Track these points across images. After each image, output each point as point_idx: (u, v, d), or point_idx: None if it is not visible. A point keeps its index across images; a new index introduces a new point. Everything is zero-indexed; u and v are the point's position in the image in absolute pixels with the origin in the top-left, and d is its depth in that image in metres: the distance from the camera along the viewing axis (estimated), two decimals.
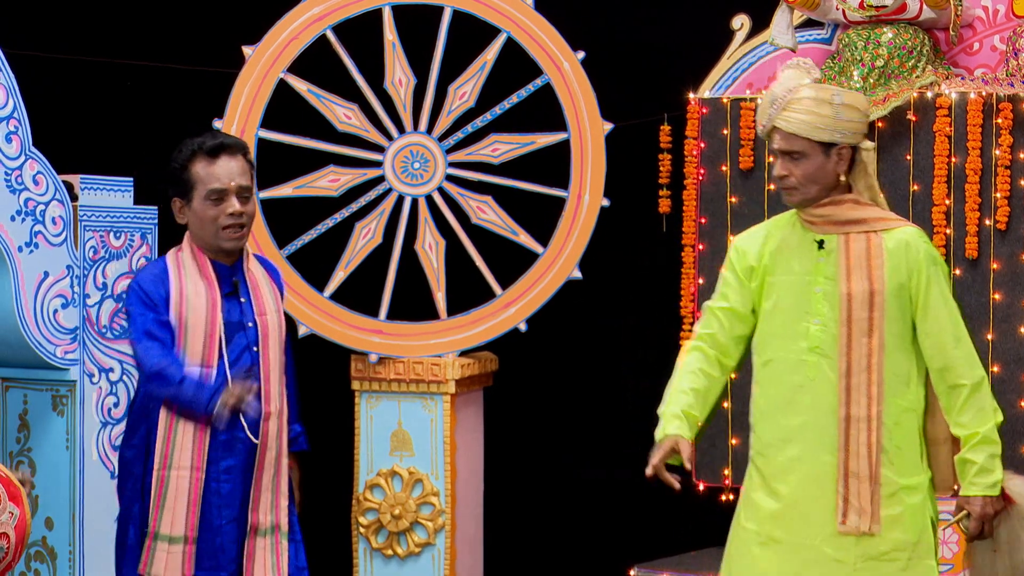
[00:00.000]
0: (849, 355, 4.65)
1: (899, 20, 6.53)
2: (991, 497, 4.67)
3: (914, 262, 4.69)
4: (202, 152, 5.09)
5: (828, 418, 4.67)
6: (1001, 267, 6.32)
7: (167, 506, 5.06)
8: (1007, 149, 6.29)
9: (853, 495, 4.64)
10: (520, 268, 6.88)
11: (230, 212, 5.07)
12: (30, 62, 6.79)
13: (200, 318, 5.09)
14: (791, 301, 4.74)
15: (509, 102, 6.87)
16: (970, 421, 4.67)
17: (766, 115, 4.71)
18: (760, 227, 4.93)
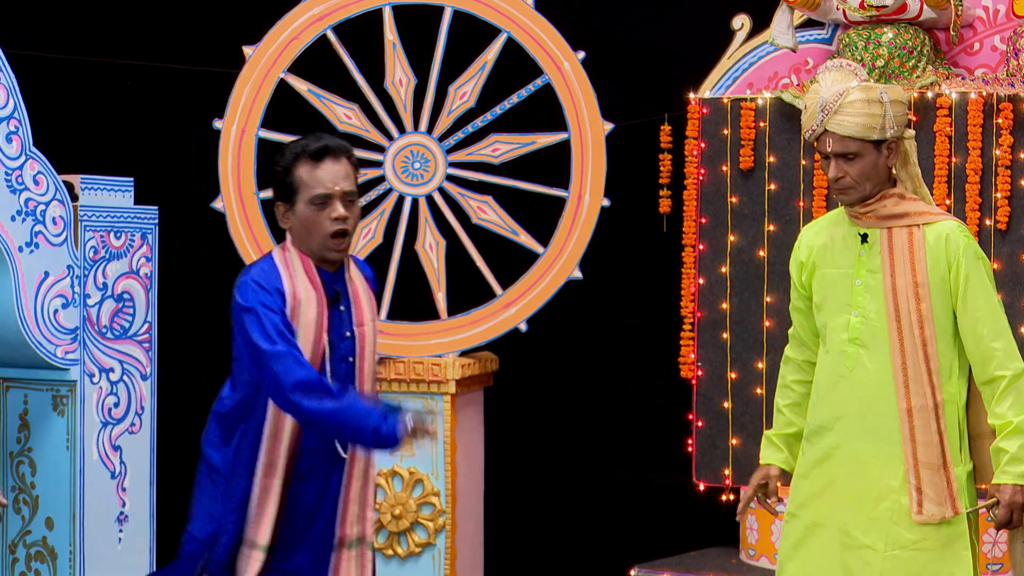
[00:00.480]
0: (903, 348, 4.75)
1: (899, 20, 6.54)
2: (1021, 486, 4.71)
3: (953, 255, 4.78)
4: (306, 155, 4.89)
5: (877, 409, 4.77)
6: (1001, 267, 6.32)
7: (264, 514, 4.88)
8: (1007, 149, 6.29)
9: (926, 484, 4.71)
10: (520, 268, 6.88)
11: (335, 217, 4.84)
12: (30, 62, 6.79)
13: (311, 325, 4.87)
14: (834, 293, 4.86)
15: (509, 102, 6.88)
16: (1005, 411, 4.73)
17: (816, 120, 4.77)
18: (819, 220, 5.06)
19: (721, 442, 6.67)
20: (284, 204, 4.91)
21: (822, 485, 4.84)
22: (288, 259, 4.88)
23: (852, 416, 4.80)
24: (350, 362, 4.93)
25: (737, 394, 6.66)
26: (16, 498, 6.15)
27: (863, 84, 4.76)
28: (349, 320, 4.94)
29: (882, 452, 4.76)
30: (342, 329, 4.91)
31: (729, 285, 6.68)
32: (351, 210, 4.86)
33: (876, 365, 4.78)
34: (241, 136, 6.79)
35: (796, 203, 6.58)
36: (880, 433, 4.77)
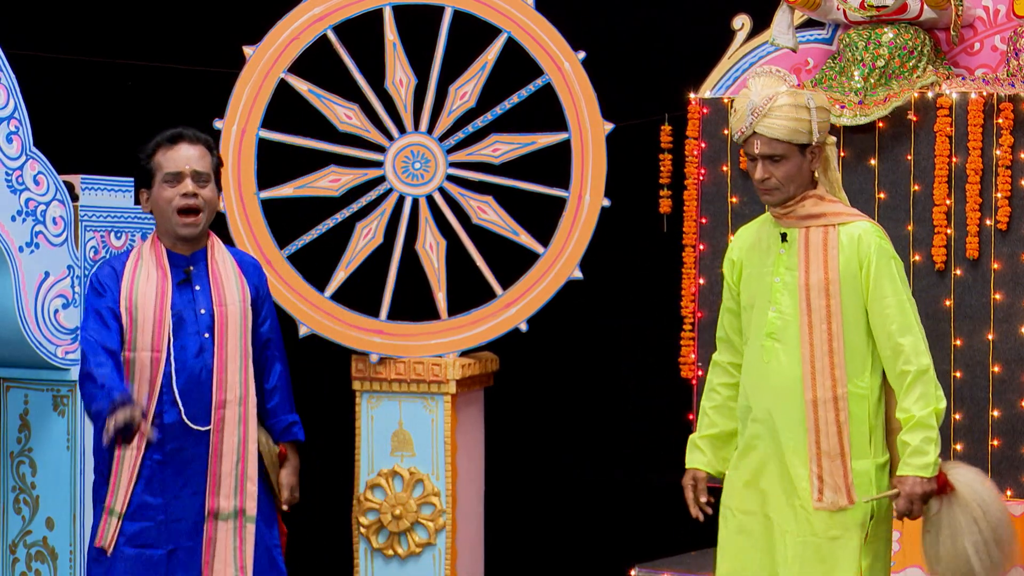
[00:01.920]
0: (811, 341, 4.95)
1: (900, 20, 6.53)
2: (922, 478, 4.89)
3: (864, 254, 4.97)
4: (163, 141, 5.31)
5: (789, 400, 4.99)
6: (1002, 267, 6.32)
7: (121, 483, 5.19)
8: (1008, 149, 6.29)
9: (827, 473, 4.92)
10: (521, 268, 6.88)
11: (183, 193, 5.23)
12: (30, 62, 6.79)
13: (148, 304, 5.23)
14: (757, 291, 5.09)
15: (510, 102, 6.87)
16: (911, 405, 4.92)
17: (745, 122, 4.97)
18: (751, 223, 5.28)
19: None
20: (145, 190, 5.32)
21: (749, 475, 5.07)
22: (140, 249, 5.29)
23: (769, 407, 5.02)
24: (206, 337, 5.26)
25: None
26: (16, 498, 6.15)
27: (791, 89, 4.99)
28: (205, 298, 5.29)
29: (794, 442, 4.98)
30: (194, 306, 5.27)
31: None
32: (202, 191, 5.26)
33: (789, 358, 5.00)
34: (241, 136, 6.79)
35: None
36: (791, 423, 4.98)
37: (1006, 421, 6.33)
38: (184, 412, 5.22)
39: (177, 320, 5.24)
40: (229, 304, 5.32)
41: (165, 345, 5.21)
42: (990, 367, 6.34)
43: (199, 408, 5.24)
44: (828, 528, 4.94)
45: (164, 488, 5.23)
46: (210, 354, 5.26)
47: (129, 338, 5.22)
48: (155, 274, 5.25)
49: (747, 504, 5.06)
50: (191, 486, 5.26)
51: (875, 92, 6.47)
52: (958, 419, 6.37)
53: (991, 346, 6.34)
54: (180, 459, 5.25)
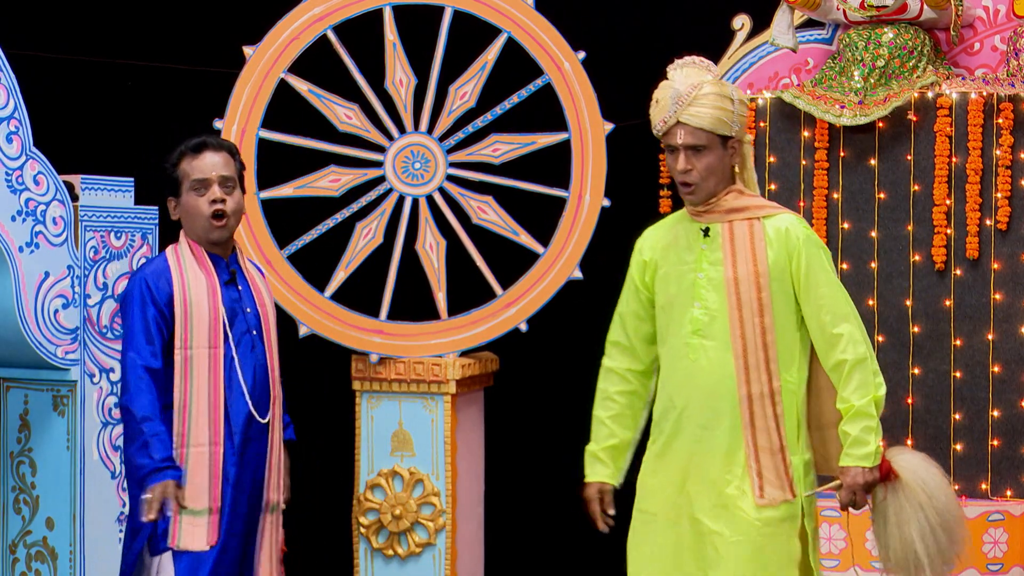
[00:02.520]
0: (743, 335, 4.86)
1: (900, 20, 6.54)
2: (864, 468, 4.84)
3: (793, 246, 4.89)
4: (188, 150, 5.46)
5: (720, 398, 4.88)
6: (1002, 267, 6.32)
7: (189, 482, 5.30)
8: (1008, 149, 6.30)
9: (766, 469, 4.84)
10: (521, 268, 6.88)
11: (212, 200, 5.39)
12: (30, 62, 6.79)
13: (203, 303, 5.37)
14: (678, 290, 4.96)
15: (510, 102, 6.87)
16: (850, 395, 4.85)
17: (668, 111, 4.91)
18: (661, 223, 5.17)
19: None
20: (173, 198, 5.48)
21: (668, 477, 4.94)
22: (178, 252, 5.43)
23: (695, 405, 4.90)
24: (253, 335, 5.44)
25: None
26: (16, 498, 6.15)
27: (716, 79, 4.92)
28: (248, 298, 5.48)
29: (724, 439, 4.88)
30: (241, 304, 5.44)
31: None
32: (230, 196, 5.42)
33: (718, 354, 4.89)
34: (241, 136, 6.79)
35: (796, 203, 6.58)
36: (721, 420, 4.88)
37: (1006, 421, 6.33)
38: (253, 405, 5.38)
39: (230, 317, 5.40)
40: (269, 305, 5.54)
41: (222, 340, 5.37)
42: (990, 367, 6.34)
43: (263, 402, 5.41)
44: (764, 525, 4.84)
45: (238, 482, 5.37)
46: (261, 351, 5.44)
47: (185, 336, 5.34)
48: (202, 274, 5.40)
49: (671, 508, 4.94)
50: (256, 479, 5.42)
51: (875, 92, 6.47)
52: (958, 419, 6.37)
53: (991, 346, 6.35)
54: (249, 453, 5.39)
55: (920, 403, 6.43)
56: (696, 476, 4.90)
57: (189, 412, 5.33)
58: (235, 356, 5.37)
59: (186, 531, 5.30)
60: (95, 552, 6.03)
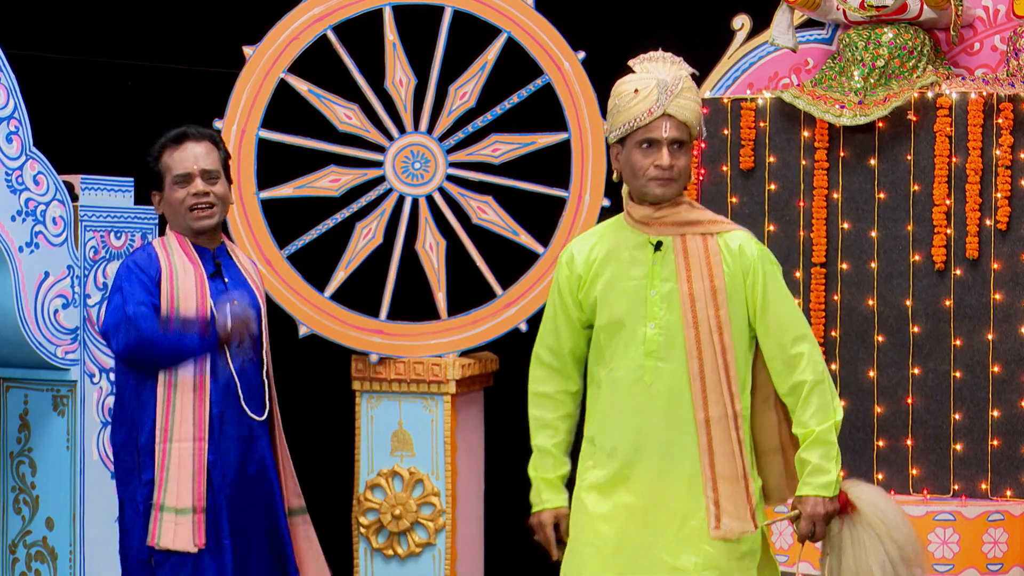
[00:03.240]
0: (700, 355, 4.54)
1: (900, 20, 6.54)
2: (824, 498, 4.55)
3: (748, 264, 4.59)
4: (168, 142, 5.35)
5: (679, 423, 4.55)
6: (1002, 267, 6.32)
7: (171, 478, 5.14)
8: (1007, 149, 6.29)
9: (724, 498, 4.52)
10: (521, 268, 6.89)
11: (194, 192, 5.27)
12: (30, 62, 6.79)
13: (190, 293, 5.23)
14: (625, 307, 4.61)
15: (509, 102, 6.87)
16: (809, 419, 4.54)
17: (655, 101, 4.59)
18: (589, 233, 4.84)
19: None
20: (157, 192, 5.37)
21: (619, 509, 4.58)
22: (166, 243, 5.30)
23: (652, 432, 4.55)
24: None
25: None
26: (16, 498, 6.15)
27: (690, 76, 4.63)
28: (236, 289, 5.32)
29: (684, 467, 4.54)
30: (227, 297, 5.29)
31: None
32: (213, 187, 5.31)
33: (675, 377, 4.55)
34: (241, 136, 6.79)
35: (796, 203, 6.58)
36: (681, 447, 4.54)
37: (1006, 421, 6.33)
38: (245, 401, 5.24)
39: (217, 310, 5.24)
40: (260, 299, 5.39)
41: (210, 333, 5.19)
42: (990, 367, 6.34)
43: (254, 398, 5.27)
44: (727, 558, 4.52)
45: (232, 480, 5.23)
46: (249, 345, 5.29)
47: (171, 327, 5.18)
48: (189, 265, 5.26)
49: (616, 542, 4.56)
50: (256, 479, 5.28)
51: (875, 92, 6.47)
52: (958, 419, 6.37)
53: (991, 346, 6.35)
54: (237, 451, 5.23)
55: (920, 403, 6.43)
56: (652, 508, 4.55)
57: (173, 406, 5.15)
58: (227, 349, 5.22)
59: (168, 530, 5.12)
60: (95, 552, 6.03)
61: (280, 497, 5.36)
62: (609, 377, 4.62)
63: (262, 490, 5.31)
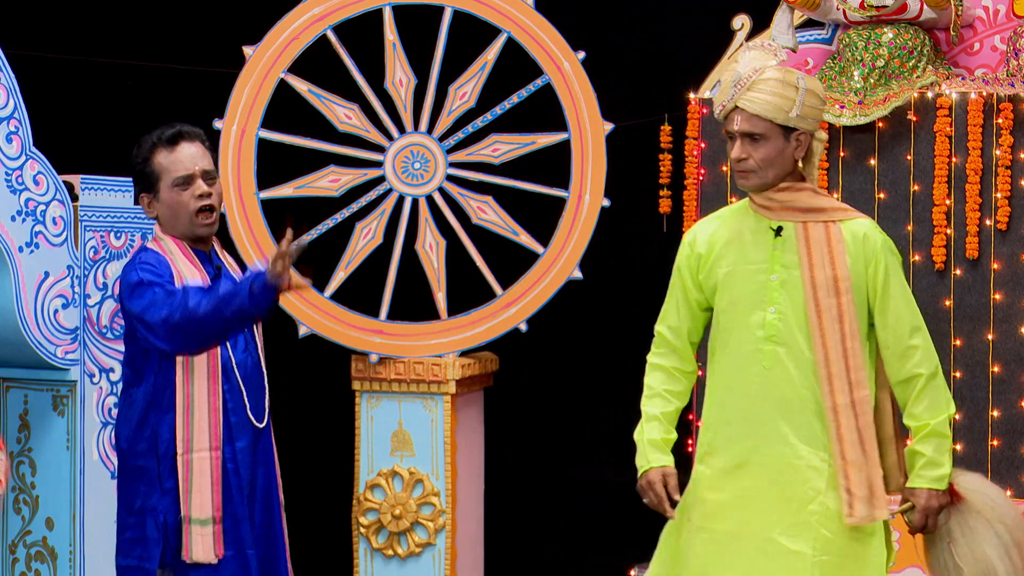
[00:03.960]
0: (824, 343, 4.57)
1: (900, 20, 6.54)
2: (936, 490, 4.60)
3: (871, 253, 4.64)
4: (162, 142, 5.18)
5: (800, 410, 4.58)
6: (1002, 267, 6.32)
7: (194, 489, 5.09)
8: (1007, 149, 6.29)
9: (855, 485, 4.55)
10: (521, 268, 6.88)
11: (199, 194, 5.13)
12: (30, 62, 6.79)
13: None
14: (746, 291, 4.65)
15: (509, 102, 6.87)
16: (923, 412, 4.60)
17: (728, 95, 4.61)
18: (713, 216, 4.85)
19: None
20: (147, 195, 5.19)
21: (736, 495, 4.62)
22: (164, 247, 5.13)
23: (771, 418, 4.60)
24: (245, 331, 5.17)
25: None
26: (16, 498, 6.15)
27: (781, 66, 4.63)
28: None
29: (805, 453, 4.57)
30: None
31: None
32: (213, 187, 5.15)
33: (796, 363, 4.59)
34: (241, 136, 6.79)
35: None
36: (802, 433, 4.58)
37: (1006, 421, 6.33)
38: (249, 407, 5.17)
39: None
40: None
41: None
42: (990, 367, 6.34)
43: (257, 402, 5.21)
44: (851, 544, 4.56)
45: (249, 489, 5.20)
46: (253, 347, 5.23)
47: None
48: (195, 270, 5.15)
49: (734, 526, 4.60)
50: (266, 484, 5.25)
51: (875, 92, 6.47)
52: (958, 419, 6.36)
53: (991, 346, 6.34)
54: (251, 457, 5.21)
55: None
56: (770, 493, 4.57)
57: (191, 415, 5.12)
58: (231, 356, 5.16)
59: (196, 542, 5.08)
60: (95, 552, 6.03)
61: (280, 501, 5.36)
62: (728, 360, 4.66)
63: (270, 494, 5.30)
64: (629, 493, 7.58)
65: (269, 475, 5.28)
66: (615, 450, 8.05)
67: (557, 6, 6.92)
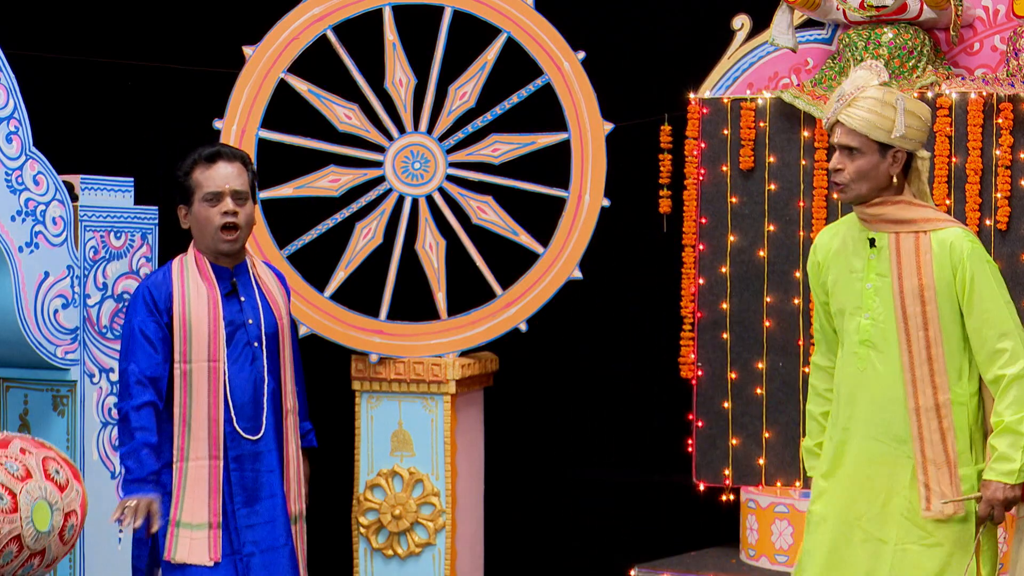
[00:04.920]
0: (910, 348, 4.90)
1: (899, 20, 6.54)
2: (1005, 484, 4.83)
3: (958, 259, 4.91)
4: (201, 159, 5.45)
5: (889, 409, 4.91)
6: (1001, 267, 6.31)
7: (187, 495, 5.31)
8: (1007, 149, 6.29)
9: (933, 481, 4.85)
10: (520, 268, 6.88)
11: (224, 212, 5.38)
12: (30, 62, 6.79)
13: (202, 316, 5.38)
14: (848, 297, 5.01)
15: (509, 102, 6.87)
16: (1004, 409, 4.85)
17: (831, 109, 4.92)
18: (836, 224, 5.19)
19: (721, 442, 6.67)
20: (184, 207, 5.48)
21: (839, 482, 5.00)
22: (183, 263, 5.43)
23: (864, 415, 4.96)
24: (255, 347, 5.42)
25: (737, 394, 6.66)
26: None
27: (884, 86, 4.92)
28: (251, 309, 5.44)
29: (892, 450, 4.91)
30: (242, 317, 5.41)
31: (729, 285, 6.68)
32: (241, 208, 5.41)
33: (885, 366, 4.93)
34: (241, 136, 6.79)
35: (796, 203, 6.58)
36: (890, 431, 4.92)
37: None
38: (237, 422, 5.37)
39: (229, 331, 5.40)
40: (284, 316, 5.53)
41: (221, 355, 5.36)
42: None
43: (252, 419, 5.41)
44: (931, 536, 4.87)
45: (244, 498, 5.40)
46: (261, 364, 5.44)
47: (184, 350, 5.36)
48: (204, 286, 5.40)
49: (847, 513, 4.97)
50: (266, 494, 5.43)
51: None
52: None
53: None
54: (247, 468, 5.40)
55: None
56: (863, 483, 4.95)
57: (188, 426, 5.35)
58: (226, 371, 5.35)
59: (183, 544, 5.30)
60: (95, 552, 6.03)
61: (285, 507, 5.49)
62: (839, 361, 5.06)
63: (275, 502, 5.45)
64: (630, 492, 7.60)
65: (273, 483, 5.44)
66: (615, 450, 8.06)
67: (557, 6, 6.92)
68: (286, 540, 5.47)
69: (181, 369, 5.36)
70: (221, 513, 5.32)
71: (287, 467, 5.51)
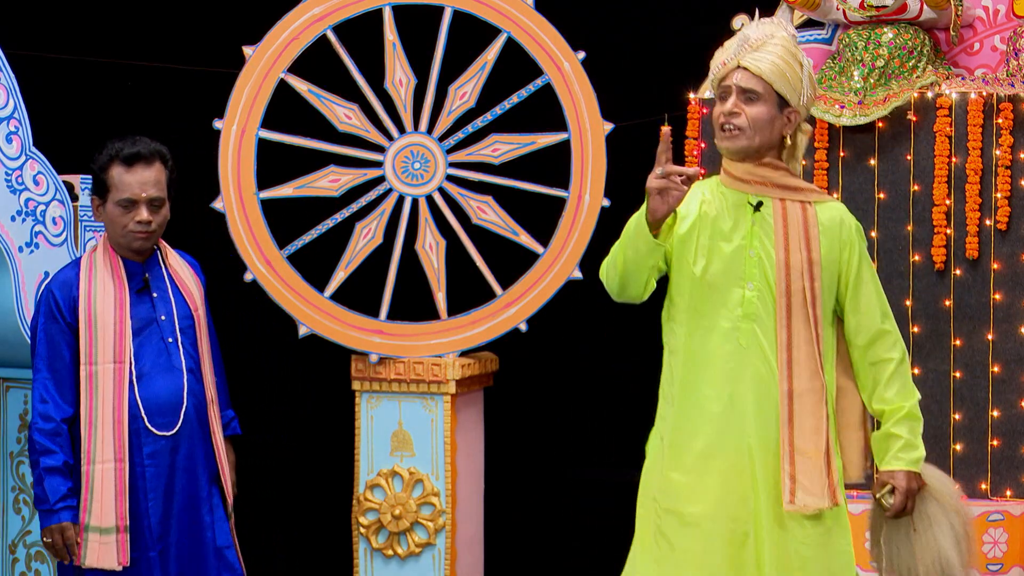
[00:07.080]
0: (790, 326, 4.54)
1: (899, 20, 6.54)
2: (914, 472, 4.62)
3: (847, 237, 4.64)
4: (119, 158, 5.27)
5: (764, 390, 4.56)
6: (1001, 267, 6.32)
7: (95, 499, 5.20)
8: (1007, 149, 6.30)
9: (800, 473, 4.52)
10: (520, 268, 6.88)
11: (138, 220, 5.26)
12: (30, 62, 6.79)
13: (108, 317, 5.25)
14: (723, 266, 4.61)
15: (509, 102, 6.87)
16: (894, 396, 4.63)
17: (731, 53, 4.63)
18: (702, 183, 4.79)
19: None
20: (98, 198, 5.32)
21: (705, 476, 4.59)
22: (93, 259, 5.29)
23: (745, 397, 4.57)
24: (170, 342, 5.28)
25: None
26: (16, 498, 6.15)
27: (792, 39, 4.62)
28: (163, 304, 5.32)
29: (766, 437, 4.56)
30: (155, 313, 5.29)
31: None
32: (156, 215, 5.27)
33: (767, 342, 4.55)
34: (241, 136, 6.79)
35: None
36: (765, 416, 4.56)
37: (1006, 421, 6.33)
38: (151, 419, 5.26)
39: (138, 328, 5.29)
40: (200, 307, 5.41)
41: (128, 355, 5.24)
42: (990, 367, 6.34)
43: (170, 414, 5.29)
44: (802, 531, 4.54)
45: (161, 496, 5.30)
46: (178, 359, 5.31)
47: (90, 351, 5.24)
48: (111, 284, 5.28)
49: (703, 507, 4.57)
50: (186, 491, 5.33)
51: (875, 92, 6.47)
52: (958, 419, 6.37)
53: (991, 346, 6.35)
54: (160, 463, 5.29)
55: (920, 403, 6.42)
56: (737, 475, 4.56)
57: (94, 428, 5.22)
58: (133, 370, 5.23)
59: (92, 549, 5.20)
60: None
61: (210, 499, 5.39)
62: (697, 337, 4.64)
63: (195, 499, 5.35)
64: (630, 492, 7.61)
65: (192, 481, 5.33)
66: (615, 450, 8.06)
67: (557, 6, 6.92)
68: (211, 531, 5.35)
69: (87, 371, 5.23)
70: (128, 516, 5.20)
71: (217, 457, 5.39)
